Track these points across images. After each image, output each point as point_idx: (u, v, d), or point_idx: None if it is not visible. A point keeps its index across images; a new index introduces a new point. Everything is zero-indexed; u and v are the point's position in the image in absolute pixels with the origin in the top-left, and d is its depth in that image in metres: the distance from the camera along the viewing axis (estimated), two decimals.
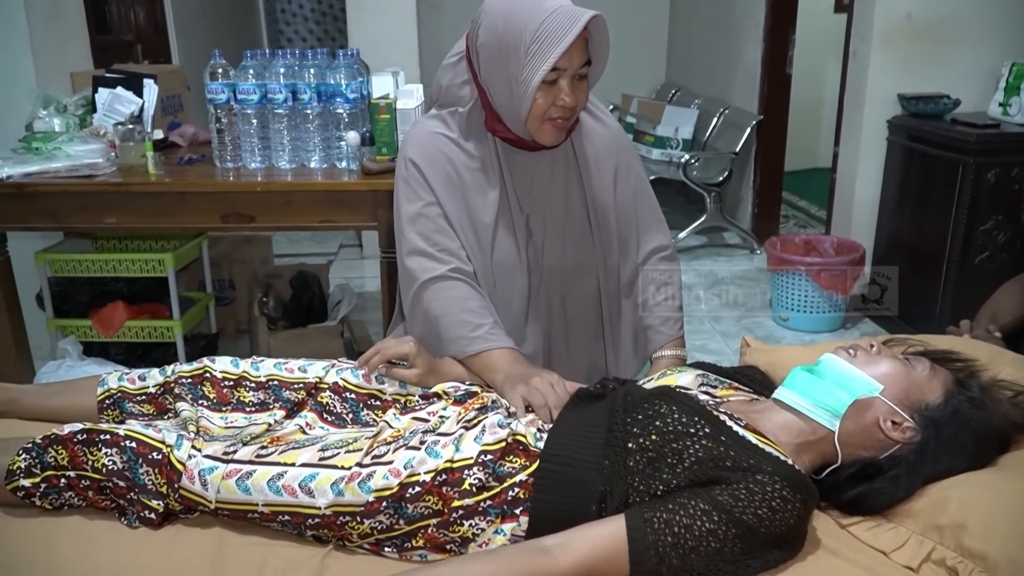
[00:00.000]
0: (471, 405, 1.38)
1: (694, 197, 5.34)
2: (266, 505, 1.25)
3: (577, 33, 1.41)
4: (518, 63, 1.46)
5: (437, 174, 1.63)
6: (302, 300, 3.30)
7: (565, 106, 1.50)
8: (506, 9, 1.48)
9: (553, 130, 1.55)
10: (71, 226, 2.73)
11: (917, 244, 3.51)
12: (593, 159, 1.71)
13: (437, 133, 1.65)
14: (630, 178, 1.76)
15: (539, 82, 1.45)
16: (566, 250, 1.70)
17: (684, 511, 1.13)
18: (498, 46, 1.48)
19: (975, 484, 1.22)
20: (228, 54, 2.50)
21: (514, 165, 1.65)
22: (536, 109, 1.50)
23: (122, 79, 2.76)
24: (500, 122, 1.58)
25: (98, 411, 1.55)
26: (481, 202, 1.64)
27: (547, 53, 1.42)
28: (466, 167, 1.64)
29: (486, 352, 1.53)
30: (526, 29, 1.43)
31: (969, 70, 3.54)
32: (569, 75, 1.48)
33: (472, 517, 1.22)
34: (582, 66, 1.49)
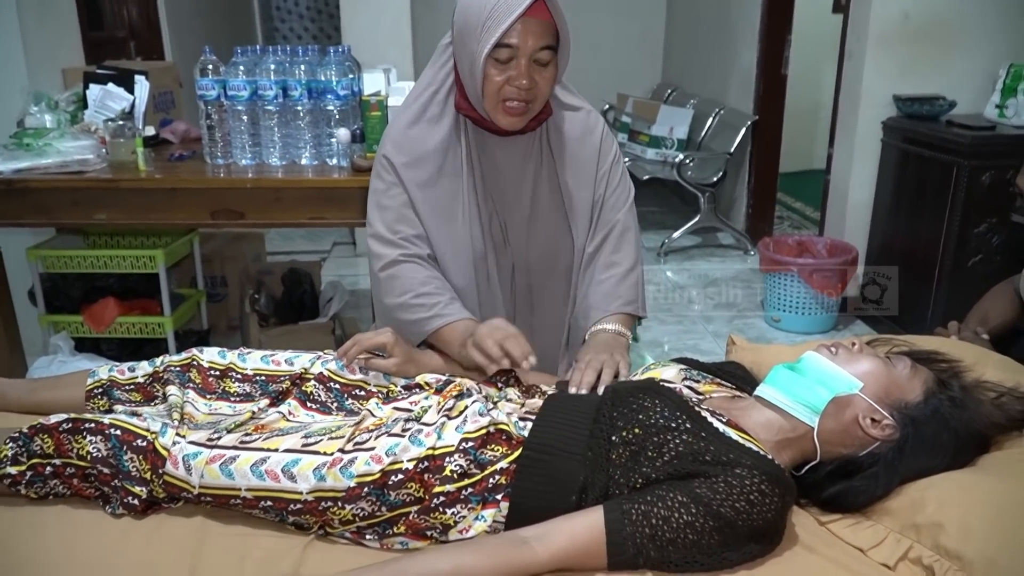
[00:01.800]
0: (448, 393, 1.39)
1: (688, 197, 5.34)
2: (249, 490, 1.25)
3: (522, 10, 1.43)
4: (474, 38, 1.48)
5: (409, 161, 1.65)
6: (294, 297, 3.30)
7: (520, 87, 1.50)
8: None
9: (507, 114, 1.55)
10: (62, 222, 2.73)
11: (911, 246, 3.51)
12: (570, 151, 1.71)
13: (413, 121, 1.67)
14: (605, 162, 1.75)
15: (485, 55, 1.47)
16: (532, 239, 1.70)
17: (662, 503, 1.13)
18: (463, 22, 1.52)
19: (953, 484, 1.22)
20: (222, 51, 2.50)
21: (483, 149, 1.66)
22: (490, 87, 1.51)
23: (114, 76, 2.76)
24: (466, 99, 1.60)
25: (86, 399, 1.56)
26: (453, 183, 1.66)
27: (496, 28, 1.44)
28: (439, 145, 1.65)
29: (444, 328, 1.56)
30: (484, 6, 1.46)
31: (966, 72, 3.54)
32: (524, 56, 1.49)
33: (454, 505, 1.23)
34: (541, 49, 1.50)
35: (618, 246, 1.72)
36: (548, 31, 1.49)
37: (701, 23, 5.98)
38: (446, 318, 1.57)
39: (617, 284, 1.69)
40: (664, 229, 5.16)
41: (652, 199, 6.14)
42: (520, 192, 1.68)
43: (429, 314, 1.58)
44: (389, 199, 1.66)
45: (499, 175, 1.67)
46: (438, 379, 1.49)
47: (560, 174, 1.70)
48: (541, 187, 1.69)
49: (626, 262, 1.72)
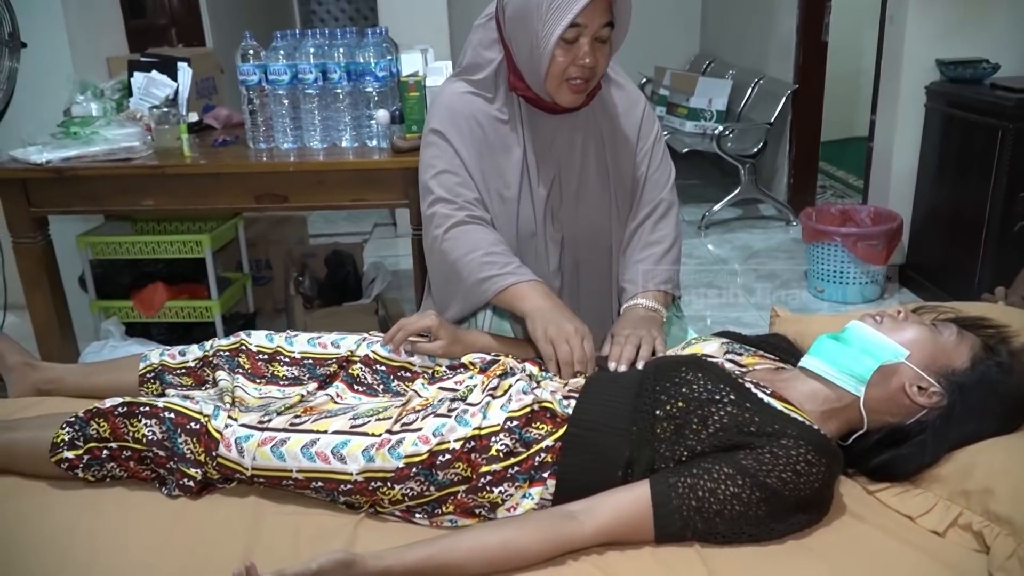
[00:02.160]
0: (492, 372, 1.41)
1: (728, 169, 5.29)
2: (300, 471, 1.28)
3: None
4: (540, 19, 1.48)
5: (462, 135, 1.65)
6: (337, 279, 3.35)
7: (584, 66, 1.51)
8: None
9: (571, 92, 1.56)
10: (110, 209, 2.79)
11: (956, 212, 3.45)
12: (615, 126, 1.72)
13: (462, 93, 1.68)
14: (648, 142, 1.76)
15: (558, 38, 1.46)
16: (580, 215, 1.71)
17: (708, 475, 1.14)
18: (522, 3, 1.51)
19: (1002, 449, 1.21)
20: (261, 36, 2.53)
21: (535, 126, 1.67)
22: (555, 68, 1.52)
23: (157, 63, 2.80)
24: (522, 80, 1.60)
25: (139, 383, 1.60)
26: (504, 160, 1.66)
27: (567, 9, 1.44)
28: (491, 121, 1.66)
29: (516, 285, 1.55)
30: None
31: (1008, 34, 3.46)
32: (590, 34, 1.49)
33: (501, 483, 1.25)
34: (603, 27, 1.50)
35: (658, 225, 1.74)
36: (608, 7, 1.50)
37: None
38: (519, 276, 1.56)
39: (656, 263, 1.71)
40: (704, 202, 5.12)
41: (692, 172, 6.09)
42: (570, 168, 1.69)
43: (502, 272, 1.56)
44: (446, 164, 1.65)
45: (550, 152, 1.68)
46: (482, 359, 1.50)
47: (606, 151, 1.71)
48: (588, 163, 1.70)
49: (666, 241, 1.73)
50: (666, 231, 1.74)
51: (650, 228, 1.74)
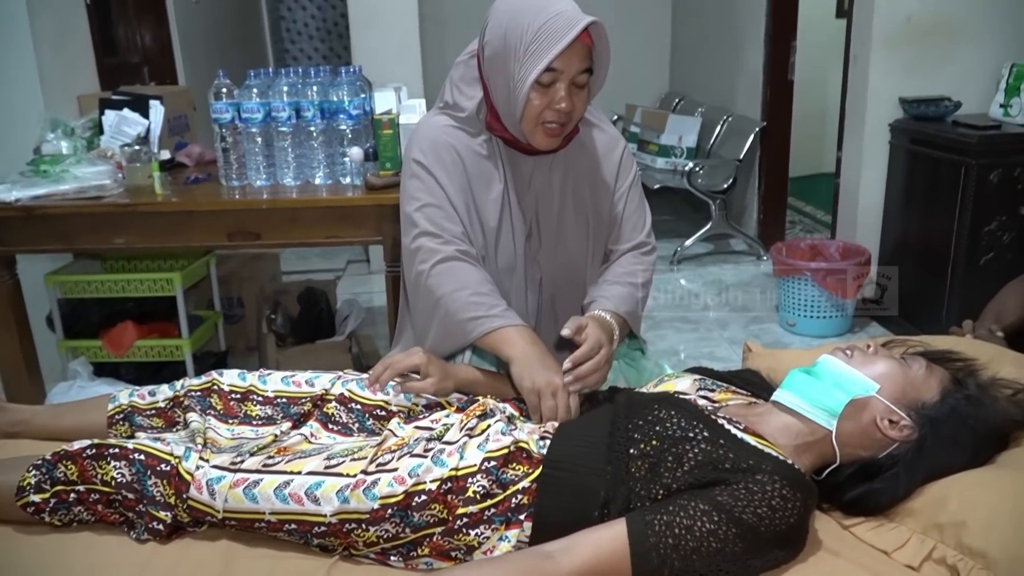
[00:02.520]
0: (472, 412, 1.40)
1: (699, 205, 5.35)
2: (273, 513, 1.26)
3: (574, 36, 1.44)
4: (517, 61, 1.48)
5: (445, 167, 1.64)
6: (310, 316, 3.33)
7: (560, 110, 1.51)
8: (512, 9, 1.51)
9: (546, 135, 1.56)
10: (80, 248, 2.76)
11: (923, 246, 3.51)
12: (593, 167, 1.73)
13: (444, 125, 1.67)
14: (625, 181, 1.77)
15: (533, 81, 1.47)
16: (559, 253, 1.72)
17: (684, 512, 1.14)
18: (501, 44, 1.51)
19: (974, 482, 1.22)
20: (235, 74, 2.53)
21: (514, 165, 1.67)
22: (531, 110, 1.52)
23: (129, 101, 2.79)
24: (499, 121, 1.60)
25: (107, 426, 1.58)
26: (486, 194, 1.66)
27: (544, 53, 1.45)
28: (473, 155, 1.65)
29: (502, 329, 1.53)
30: (527, 29, 1.46)
31: (969, 72, 3.55)
32: (567, 79, 1.50)
33: (478, 526, 1.24)
34: (581, 73, 1.51)
35: (639, 259, 1.76)
36: (587, 54, 1.51)
37: (706, 32, 6.00)
38: (506, 320, 1.54)
39: (627, 296, 1.70)
40: (676, 237, 5.17)
41: (663, 208, 6.15)
42: (548, 208, 1.69)
43: (488, 313, 1.54)
44: (430, 197, 1.63)
45: (529, 191, 1.68)
46: (460, 398, 1.50)
47: (585, 191, 1.72)
48: (567, 203, 1.70)
49: (642, 276, 1.75)
50: (644, 267, 1.76)
51: (630, 260, 1.75)
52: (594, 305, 1.67)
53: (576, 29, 1.43)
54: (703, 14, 6.07)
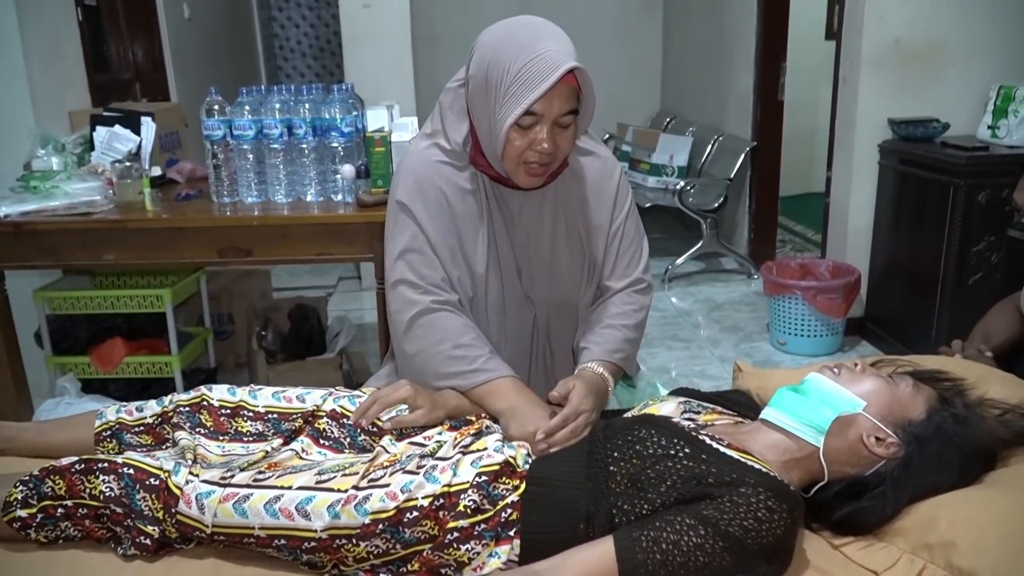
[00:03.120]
0: (467, 431, 1.40)
1: (690, 223, 5.37)
2: (262, 528, 1.26)
3: (553, 82, 1.38)
4: (497, 101, 1.44)
5: (429, 208, 1.60)
6: (301, 333, 3.32)
7: (542, 151, 1.46)
8: (496, 45, 1.46)
9: (528, 175, 1.52)
10: (70, 264, 2.76)
11: (912, 266, 3.53)
12: (586, 197, 1.68)
13: (430, 161, 1.62)
14: (621, 212, 1.72)
15: (511, 123, 1.43)
16: (552, 288, 1.68)
17: (671, 528, 1.14)
18: (483, 81, 1.47)
19: (963, 501, 1.23)
20: (227, 91, 2.54)
21: (502, 200, 1.63)
22: (511, 150, 1.48)
23: (120, 117, 2.79)
24: (483, 156, 1.56)
25: (95, 443, 1.57)
26: (472, 233, 1.62)
27: (523, 97, 1.40)
28: (459, 192, 1.61)
29: (487, 383, 1.52)
30: (509, 69, 1.41)
31: (957, 94, 3.58)
32: (548, 121, 1.44)
33: (468, 541, 1.23)
34: (565, 114, 1.45)
35: (631, 300, 1.71)
36: (572, 95, 1.45)
37: (697, 52, 6.04)
38: (491, 373, 1.52)
39: (624, 339, 1.67)
40: (668, 255, 5.18)
41: (655, 226, 6.17)
42: (540, 243, 1.65)
43: (472, 367, 1.53)
44: (410, 241, 1.60)
45: (518, 227, 1.64)
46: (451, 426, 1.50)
47: (578, 222, 1.67)
48: (559, 236, 1.66)
49: (636, 317, 1.70)
50: (637, 307, 1.71)
51: (623, 299, 1.70)
52: (586, 354, 1.63)
53: (555, 75, 1.38)
54: (694, 34, 6.12)
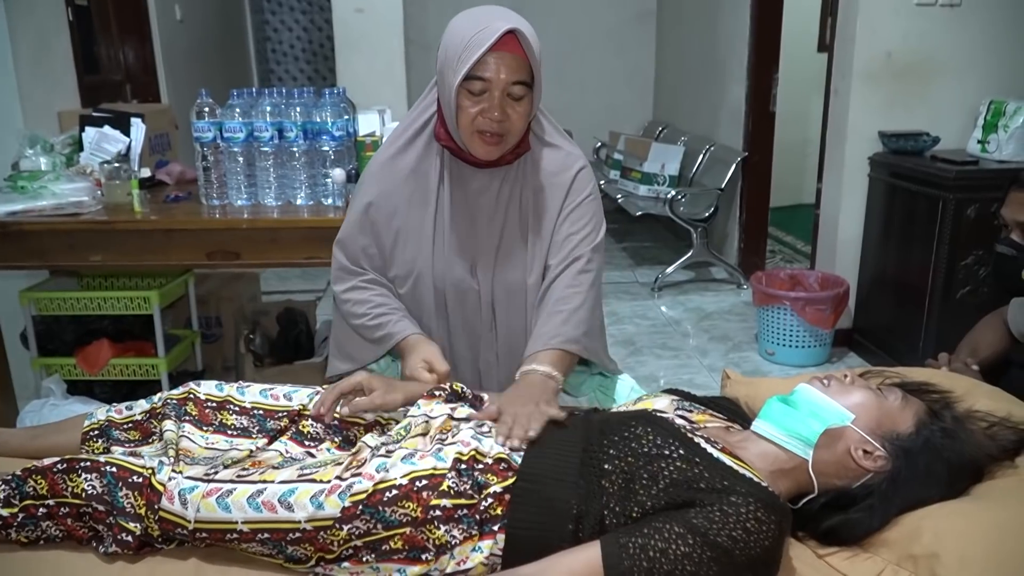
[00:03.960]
0: (439, 429, 1.40)
1: (681, 233, 5.38)
2: (246, 523, 1.25)
3: (491, 42, 1.49)
4: (451, 68, 1.55)
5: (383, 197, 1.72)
6: (289, 337, 3.30)
7: (492, 119, 1.56)
8: (455, 24, 1.58)
9: (483, 143, 1.60)
10: (56, 264, 2.74)
11: (901, 279, 3.54)
12: (541, 186, 1.73)
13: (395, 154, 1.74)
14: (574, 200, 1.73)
15: (457, 85, 1.53)
16: (498, 272, 1.72)
17: (659, 535, 1.13)
18: (443, 57, 1.58)
19: (948, 514, 1.23)
20: (218, 93, 2.53)
21: (461, 180, 1.71)
22: (464, 117, 1.57)
23: (109, 118, 2.78)
24: (444, 128, 1.65)
25: (81, 442, 1.56)
26: (422, 214, 1.71)
27: (468, 59, 1.51)
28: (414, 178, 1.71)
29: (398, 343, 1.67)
30: (461, 39, 1.53)
31: (948, 108, 3.60)
32: (497, 89, 1.54)
33: (447, 523, 1.22)
34: (514, 84, 1.54)
35: (574, 281, 1.68)
36: (521, 67, 1.54)
37: (690, 62, 6.07)
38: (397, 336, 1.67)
39: (564, 321, 1.63)
40: (658, 264, 5.19)
41: (645, 235, 6.18)
42: (491, 224, 1.71)
43: (383, 333, 1.68)
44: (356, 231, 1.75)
45: (473, 206, 1.71)
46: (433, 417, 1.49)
47: (529, 209, 1.73)
48: (511, 220, 1.72)
49: (576, 299, 1.66)
50: (579, 288, 1.67)
51: (564, 284, 1.68)
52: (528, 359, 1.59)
53: (494, 36, 1.49)
54: (687, 44, 6.14)
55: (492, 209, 1.71)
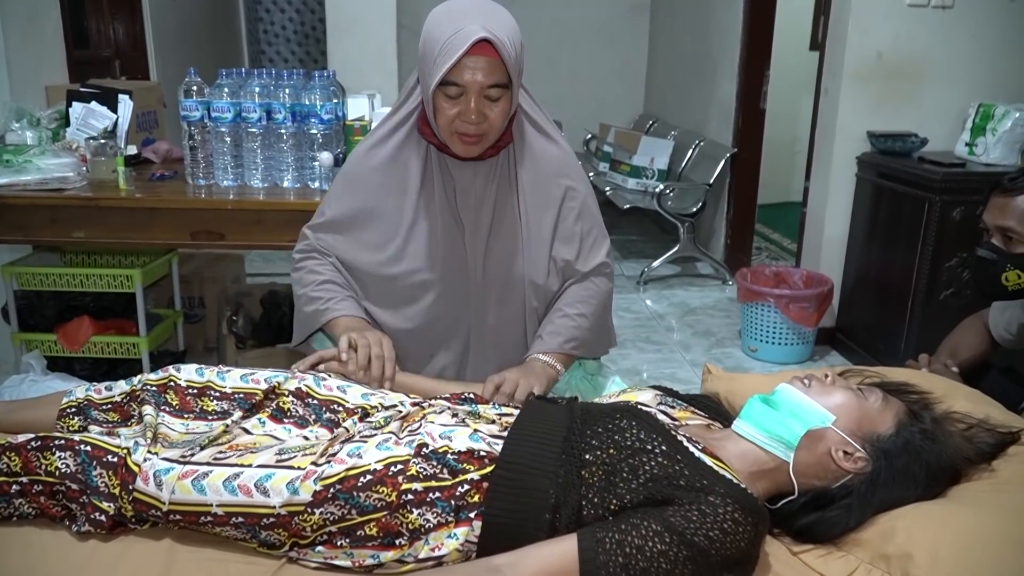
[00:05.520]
0: (414, 416, 1.40)
1: (668, 227, 5.39)
2: (220, 506, 1.24)
3: (460, 54, 1.47)
4: (427, 71, 1.54)
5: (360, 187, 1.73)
6: (272, 320, 3.28)
7: (469, 122, 1.55)
8: (433, 19, 1.56)
9: (462, 143, 1.60)
10: (39, 240, 2.72)
11: (884, 279, 3.56)
12: (535, 177, 1.73)
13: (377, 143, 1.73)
14: (575, 201, 1.77)
15: (432, 90, 1.53)
16: (490, 261, 1.72)
17: (636, 532, 1.13)
18: (422, 53, 1.57)
19: (923, 515, 1.23)
20: (208, 73, 2.51)
21: (446, 172, 1.70)
22: (443, 119, 1.57)
23: (97, 94, 2.76)
24: (427, 125, 1.65)
25: (57, 418, 1.54)
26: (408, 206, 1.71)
27: (441, 66, 1.50)
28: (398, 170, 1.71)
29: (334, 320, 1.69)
30: (437, 41, 1.51)
31: (937, 109, 3.62)
32: (473, 92, 1.52)
33: (420, 506, 1.22)
34: (491, 87, 1.53)
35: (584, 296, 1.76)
36: (497, 69, 1.52)
37: (682, 57, 6.07)
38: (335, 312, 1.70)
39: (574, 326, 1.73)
40: (644, 258, 5.19)
41: (632, 228, 6.19)
42: (480, 215, 1.71)
43: (324, 307, 1.70)
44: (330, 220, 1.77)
45: (460, 197, 1.70)
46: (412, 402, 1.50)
47: (523, 201, 1.72)
48: (503, 211, 1.72)
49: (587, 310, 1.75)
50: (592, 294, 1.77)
51: (586, 284, 1.76)
52: (537, 343, 1.73)
53: (463, 47, 1.47)
54: (680, 39, 6.14)
55: (480, 200, 1.71)
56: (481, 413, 1.42)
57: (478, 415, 1.41)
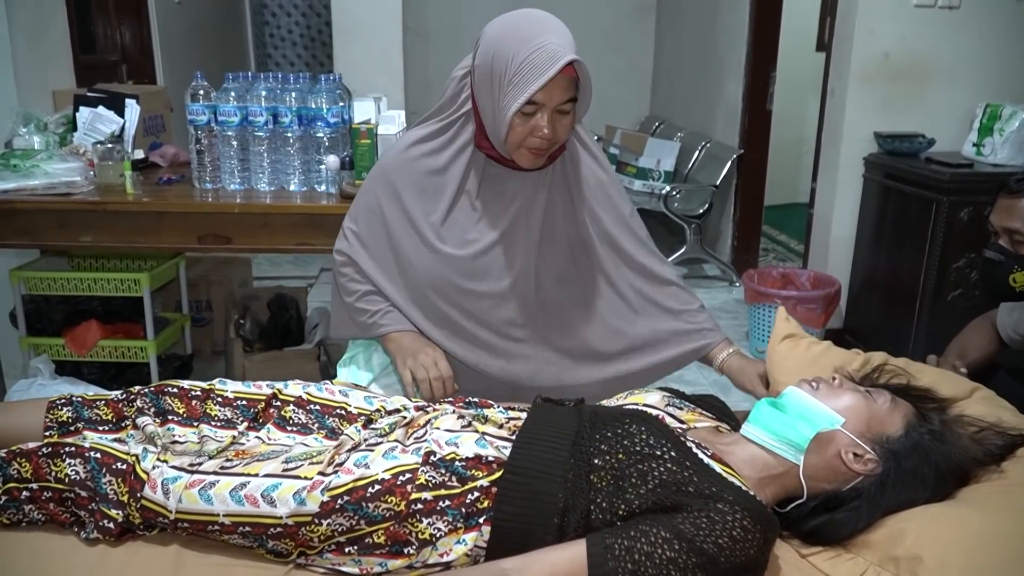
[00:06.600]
0: (418, 422, 1.39)
1: (675, 228, 5.38)
2: (227, 515, 1.24)
3: (553, 73, 1.44)
4: (501, 90, 1.50)
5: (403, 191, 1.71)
6: (279, 323, 3.29)
7: (543, 137, 1.53)
8: (499, 37, 1.52)
9: (531, 155, 1.58)
10: (46, 244, 2.73)
11: (892, 280, 3.55)
12: (582, 187, 1.74)
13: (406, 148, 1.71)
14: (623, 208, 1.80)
15: (514, 113, 1.49)
16: (543, 269, 1.72)
17: (645, 538, 1.13)
18: (488, 70, 1.52)
19: (932, 517, 1.23)
20: (214, 77, 2.52)
21: (495, 180, 1.68)
22: (514, 136, 1.54)
23: (104, 99, 2.77)
24: (487, 139, 1.62)
25: (47, 410, 1.47)
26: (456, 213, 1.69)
27: (524, 88, 1.46)
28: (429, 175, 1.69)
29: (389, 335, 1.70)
30: (511, 60, 1.47)
31: (944, 110, 3.61)
32: (549, 109, 1.51)
33: (430, 515, 1.22)
34: (564, 102, 1.52)
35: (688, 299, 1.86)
36: (571, 84, 1.51)
37: (688, 58, 6.06)
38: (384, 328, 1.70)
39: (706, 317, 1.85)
40: None
41: None
42: (530, 221, 1.69)
43: (371, 320, 1.71)
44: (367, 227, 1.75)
45: (510, 204, 1.69)
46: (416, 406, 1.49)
47: (574, 201, 1.73)
48: (554, 217, 1.71)
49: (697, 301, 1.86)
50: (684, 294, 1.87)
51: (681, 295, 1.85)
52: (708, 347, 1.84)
53: (555, 68, 1.44)
54: (686, 40, 6.13)
55: (530, 207, 1.69)
56: (489, 417, 1.42)
57: (485, 418, 1.40)
